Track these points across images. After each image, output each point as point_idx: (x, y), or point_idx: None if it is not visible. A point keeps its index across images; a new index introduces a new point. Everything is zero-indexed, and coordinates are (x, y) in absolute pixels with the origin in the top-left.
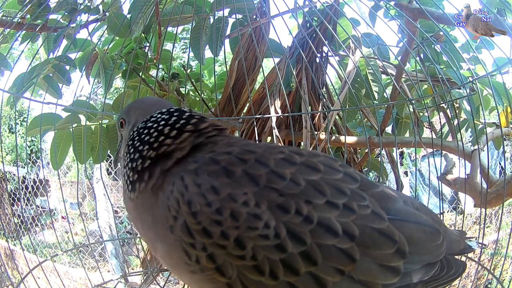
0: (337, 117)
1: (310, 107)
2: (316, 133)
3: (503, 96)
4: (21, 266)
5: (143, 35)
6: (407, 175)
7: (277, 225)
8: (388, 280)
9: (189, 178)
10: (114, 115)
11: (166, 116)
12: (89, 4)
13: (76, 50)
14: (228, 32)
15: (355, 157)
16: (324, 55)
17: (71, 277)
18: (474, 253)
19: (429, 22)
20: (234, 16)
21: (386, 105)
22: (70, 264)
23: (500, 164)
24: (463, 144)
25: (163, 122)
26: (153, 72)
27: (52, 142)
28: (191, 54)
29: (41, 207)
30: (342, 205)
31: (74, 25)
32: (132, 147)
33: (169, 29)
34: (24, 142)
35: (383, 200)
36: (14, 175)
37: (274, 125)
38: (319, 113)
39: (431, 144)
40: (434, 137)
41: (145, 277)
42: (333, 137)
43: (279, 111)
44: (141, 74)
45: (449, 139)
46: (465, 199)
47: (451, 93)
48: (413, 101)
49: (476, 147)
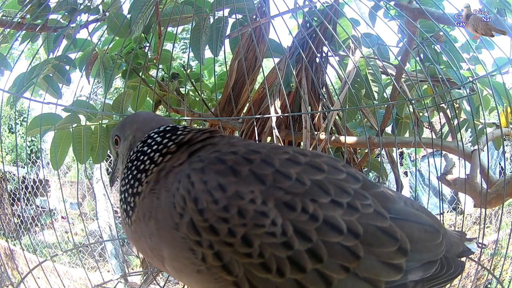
0: (337, 117)
1: (310, 107)
2: (316, 133)
3: (503, 96)
4: (21, 266)
5: (143, 35)
6: (407, 175)
7: (284, 222)
8: (390, 277)
9: (195, 176)
10: (114, 115)
11: (159, 139)
12: (89, 4)
13: (76, 50)
14: (228, 32)
15: (355, 157)
16: (324, 55)
17: (71, 277)
18: (474, 253)
19: (429, 22)
20: (234, 16)
21: (386, 105)
22: (70, 264)
23: (500, 164)
24: (463, 144)
25: (156, 146)
26: (153, 72)
27: (52, 142)
28: (191, 54)
29: (41, 207)
30: (346, 204)
31: (74, 25)
32: (130, 173)
33: (169, 29)
34: (24, 142)
35: (384, 200)
36: (14, 175)
37: (274, 125)
38: (319, 113)
39: (431, 144)
40: (434, 137)
41: (145, 277)
42: (333, 137)
43: (279, 111)
44: (141, 74)
45: (449, 139)
46: (465, 199)
47: (451, 93)
48: (413, 101)
49: (476, 147)
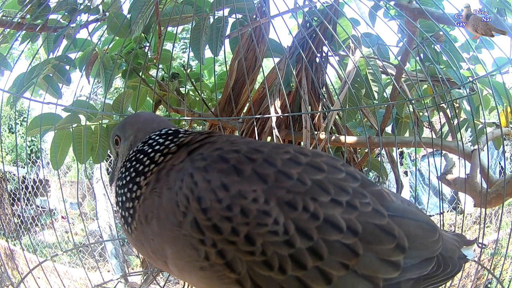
0: (337, 117)
1: (310, 107)
2: (316, 133)
3: (503, 96)
4: (21, 266)
5: (143, 35)
6: (407, 175)
7: (286, 221)
8: (389, 274)
9: (198, 174)
10: (114, 115)
11: (161, 140)
12: (89, 4)
13: (76, 50)
14: (228, 32)
15: (355, 157)
16: (324, 55)
17: (71, 277)
18: (474, 253)
19: (429, 22)
20: (234, 16)
21: (386, 105)
22: (70, 264)
23: (500, 164)
24: (463, 144)
25: (158, 146)
26: (153, 72)
27: (52, 142)
28: (191, 54)
29: (41, 207)
30: (345, 202)
31: (74, 25)
32: (128, 175)
33: (169, 29)
34: (24, 142)
35: (382, 198)
36: (14, 175)
37: (274, 125)
38: (319, 113)
39: (431, 144)
40: (434, 137)
41: (145, 277)
42: (333, 137)
43: (279, 111)
44: (141, 74)
45: (449, 139)
46: (465, 199)
47: (451, 93)
48: (413, 101)
49: (476, 147)
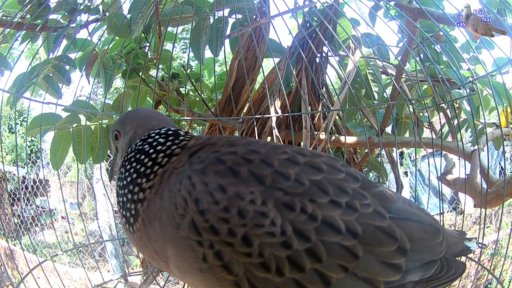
0: (337, 117)
1: (310, 107)
2: (316, 133)
3: (503, 96)
4: (21, 266)
5: (143, 35)
6: (407, 175)
7: (283, 222)
8: (390, 277)
9: (196, 177)
10: (114, 115)
11: (162, 140)
12: (89, 4)
13: (76, 50)
14: (228, 32)
15: (355, 157)
16: (324, 55)
17: (71, 277)
18: (474, 253)
19: (429, 22)
20: (234, 16)
21: (386, 105)
22: (70, 264)
23: (500, 164)
24: (463, 144)
25: (160, 147)
26: (153, 72)
27: (52, 142)
28: (191, 54)
29: (41, 207)
30: (345, 204)
31: (74, 25)
32: (129, 176)
33: (169, 29)
34: (24, 142)
35: (383, 199)
36: (14, 175)
37: (274, 125)
38: (319, 113)
39: (431, 144)
40: (434, 137)
41: (145, 277)
42: (333, 137)
43: (279, 111)
44: (141, 74)
45: (449, 139)
46: (465, 199)
47: (451, 93)
48: (413, 101)
49: (476, 147)
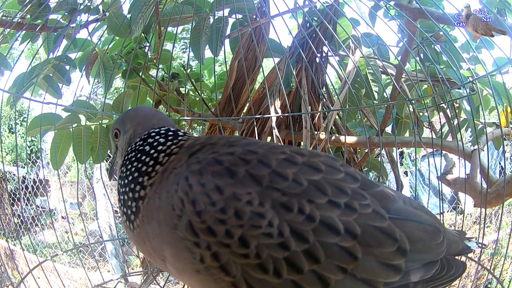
0: (337, 117)
1: (310, 107)
2: (316, 133)
3: (503, 96)
4: (21, 266)
5: (143, 35)
6: (407, 175)
7: (281, 223)
8: (389, 278)
9: (193, 178)
10: (114, 115)
11: (162, 140)
12: (89, 4)
13: (76, 50)
14: (228, 32)
15: (355, 157)
16: (324, 55)
17: (71, 277)
18: (474, 253)
19: (429, 22)
20: (234, 16)
21: (386, 105)
22: (70, 264)
23: (500, 164)
24: (463, 144)
25: (160, 147)
26: (153, 72)
27: (52, 142)
28: (191, 54)
29: (41, 207)
30: (343, 204)
31: (74, 25)
32: (130, 175)
33: (169, 29)
34: (24, 142)
35: (383, 199)
36: (14, 175)
37: (274, 125)
38: (319, 113)
39: (431, 144)
40: (434, 137)
41: (145, 277)
42: (333, 137)
43: (279, 111)
44: (141, 74)
45: (449, 139)
46: (465, 199)
47: (451, 93)
48: (413, 101)
49: (476, 147)
